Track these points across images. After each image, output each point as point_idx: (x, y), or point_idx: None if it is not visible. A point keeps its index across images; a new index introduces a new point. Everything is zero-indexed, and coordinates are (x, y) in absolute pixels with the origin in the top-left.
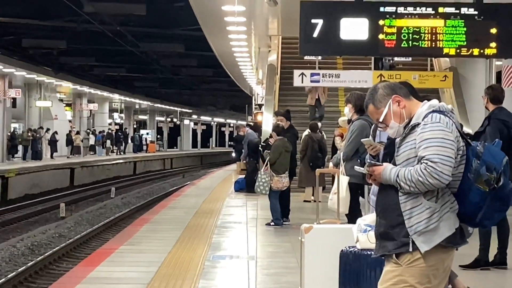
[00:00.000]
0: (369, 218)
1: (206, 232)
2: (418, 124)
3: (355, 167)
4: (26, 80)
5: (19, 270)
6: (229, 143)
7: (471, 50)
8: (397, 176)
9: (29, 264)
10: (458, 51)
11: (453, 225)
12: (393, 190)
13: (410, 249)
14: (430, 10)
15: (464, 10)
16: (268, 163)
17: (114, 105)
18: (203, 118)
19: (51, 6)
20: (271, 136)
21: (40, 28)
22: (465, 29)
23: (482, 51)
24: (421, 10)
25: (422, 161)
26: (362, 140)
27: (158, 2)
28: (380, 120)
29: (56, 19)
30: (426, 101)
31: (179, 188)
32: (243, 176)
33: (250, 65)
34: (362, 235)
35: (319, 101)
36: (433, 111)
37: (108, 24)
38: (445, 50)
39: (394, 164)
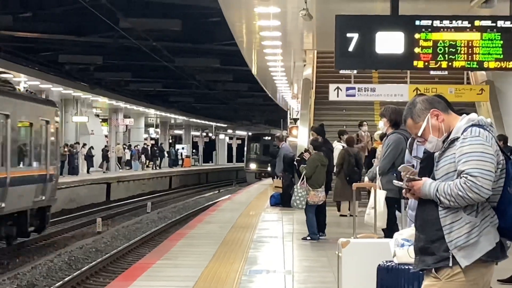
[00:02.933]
0: (406, 232)
1: (242, 247)
2: (458, 138)
3: (394, 181)
4: (63, 95)
5: (57, 285)
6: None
7: (508, 63)
8: (437, 190)
9: (66, 279)
10: (495, 64)
11: (493, 239)
12: (432, 205)
13: (450, 264)
14: (466, 24)
15: (500, 23)
16: (304, 177)
17: (150, 120)
18: (238, 132)
19: (87, 22)
20: (306, 151)
21: (76, 44)
22: (501, 42)
23: None
24: (457, 24)
25: (461, 175)
26: (399, 168)
27: (194, 17)
28: (419, 134)
29: (92, 35)
30: (465, 115)
31: (214, 203)
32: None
33: (285, 79)
34: (400, 249)
35: None
36: (472, 125)
37: (144, 39)
38: (482, 64)
39: (433, 178)
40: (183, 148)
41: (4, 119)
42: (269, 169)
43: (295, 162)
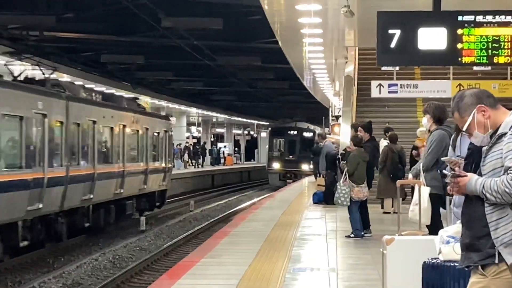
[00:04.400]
0: (451, 229)
1: (285, 245)
2: (505, 133)
3: (444, 171)
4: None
5: (102, 283)
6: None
7: None
8: (483, 187)
9: (111, 278)
10: None
11: None
12: (478, 201)
13: (496, 261)
14: (509, 18)
15: None
16: (347, 174)
17: (192, 118)
18: None
19: (129, 22)
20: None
21: (118, 44)
22: None
23: None
24: (500, 19)
25: (508, 172)
26: (442, 159)
27: (235, 16)
28: (464, 129)
29: (134, 34)
30: None
31: (257, 201)
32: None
33: (327, 76)
34: (445, 246)
35: None
36: None
37: (185, 38)
38: None
39: (479, 174)
40: (225, 147)
41: (145, 131)
42: (311, 166)
43: (337, 159)
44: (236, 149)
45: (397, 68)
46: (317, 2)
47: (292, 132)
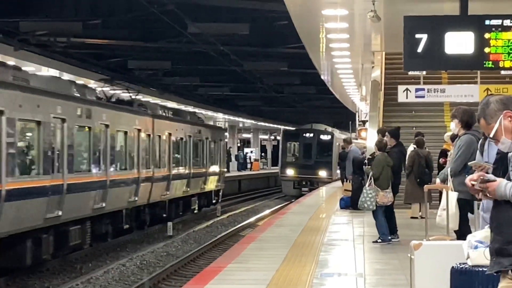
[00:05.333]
0: (479, 234)
1: (313, 250)
2: None
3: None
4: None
5: None
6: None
7: None
8: None
9: (138, 283)
10: None
11: None
12: (508, 205)
13: None
14: None
15: None
16: (372, 178)
17: (218, 124)
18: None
19: (156, 28)
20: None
21: (145, 50)
22: None
23: None
24: None
25: None
26: (469, 163)
27: (261, 21)
28: (491, 136)
29: (160, 40)
30: None
31: (284, 206)
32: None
33: (354, 81)
34: (473, 251)
35: None
36: None
37: (212, 44)
38: None
39: (508, 179)
40: (251, 152)
41: (205, 139)
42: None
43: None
44: (263, 154)
45: (424, 72)
46: (343, 7)
47: (307, 135)
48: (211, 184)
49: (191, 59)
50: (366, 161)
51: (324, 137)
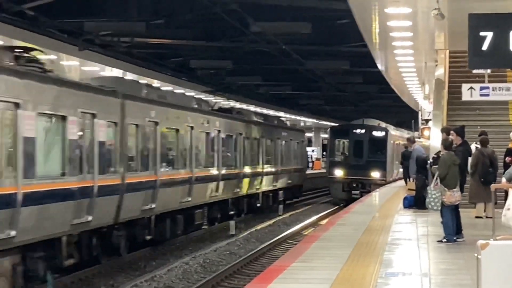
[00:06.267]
0: None
1: (377, 249)
2: None
3: None
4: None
5: (193, 287)
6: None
7: None
8: None
9: (202, 282)
10: None
11: None
12: None
13: None
14: None
15: None
16: (438, 178)
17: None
18: None
19: (218, 28)
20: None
21: (207, 49)
22: None
23: None
24: None
25: None
26: None
27: (324, 20)
28: None
29: (222, 40)
30: None
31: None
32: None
33: (417, 80)
34: None
35: None
36: None
37: (274, 43)
38: None
39: None
40: (313, 151)
41: (290, 141)
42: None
43: (428, 163)
44: (324, 153)
45: (489, 70)
46: (406, 5)
47: (358, 131)
48: (294, 180)
49: (252, 58)
50: (430, 160)
51: (377, 133)
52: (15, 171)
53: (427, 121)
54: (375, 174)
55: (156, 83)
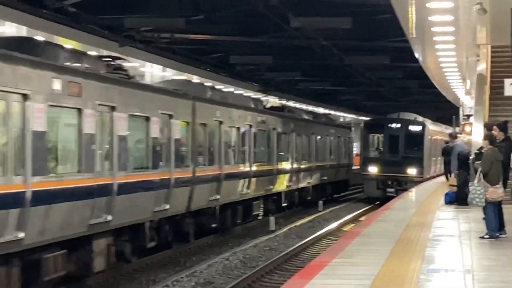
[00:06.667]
0: None
1: (418, 245)
2: None
3: None
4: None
5: (233, 283)
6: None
7: None
8: None
9: (242, 277)
10: None
11: None
12: None
13: None
14: None
15: None
16: (481, 174)
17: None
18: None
19: (258, 23)
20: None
21: (247, 45)
22: None
23: None
24: None
25: None
26: None
27: (364, 15)
28: None
29: (262, 35)
30: None
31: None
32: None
33: (458, 75)
34: None
35: None
36: None
37: (314, 38)
38: None
39: None
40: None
41: (337, 137)
42: (414, 172)
43: (470, 159)
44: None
45: None
46: None
47: (394, 125)
48: (341, 175)
49: (292, 54)
50: (473, 156)
51: (413, 128)
52: (111, 165)
53: (468, 116)
54: (412, 171)
55: (200, 81)
